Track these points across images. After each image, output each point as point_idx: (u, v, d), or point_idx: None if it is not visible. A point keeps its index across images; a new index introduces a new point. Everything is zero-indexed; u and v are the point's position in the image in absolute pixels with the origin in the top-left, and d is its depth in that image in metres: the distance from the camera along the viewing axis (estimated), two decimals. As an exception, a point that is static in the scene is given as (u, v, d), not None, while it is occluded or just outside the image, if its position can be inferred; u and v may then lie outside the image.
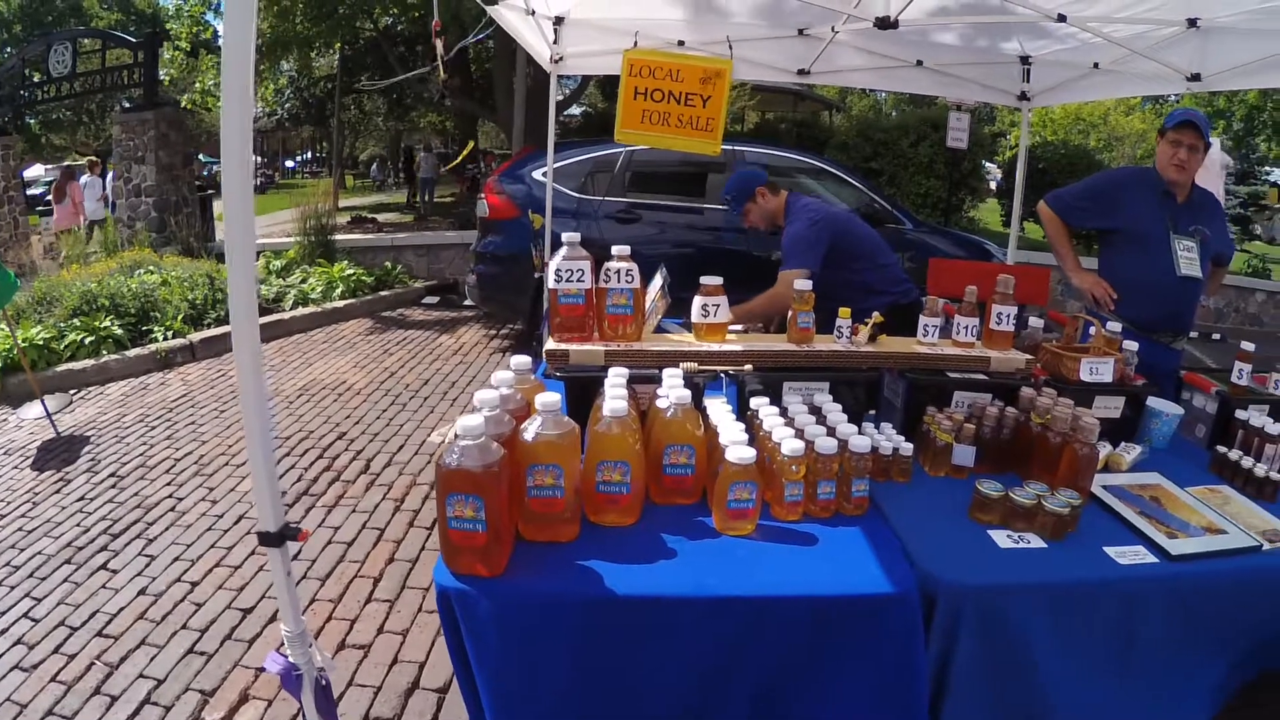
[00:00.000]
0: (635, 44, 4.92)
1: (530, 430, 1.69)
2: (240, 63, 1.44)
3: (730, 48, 4.99)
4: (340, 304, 8.09)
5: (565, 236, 2.26)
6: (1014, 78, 5.33)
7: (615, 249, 2.27)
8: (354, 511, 4.17)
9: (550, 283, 2.25)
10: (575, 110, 17.13)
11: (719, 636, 1.62)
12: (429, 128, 28.36)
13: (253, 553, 3.75)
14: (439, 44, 4.09)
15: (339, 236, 9.89)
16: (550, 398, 1.71)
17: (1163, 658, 2.03)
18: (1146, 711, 2.08)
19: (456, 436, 1.57)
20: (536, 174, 6.58)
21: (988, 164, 17.99)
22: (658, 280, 2.74)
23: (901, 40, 4.96)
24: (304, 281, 8.39)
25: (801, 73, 5.38)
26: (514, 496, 1.70)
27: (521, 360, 2.05)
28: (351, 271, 8.63)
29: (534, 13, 4.62)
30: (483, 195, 6.97)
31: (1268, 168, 26.15)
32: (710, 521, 1.86)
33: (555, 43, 5.03)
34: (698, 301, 2.30)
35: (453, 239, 9.94)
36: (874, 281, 3.73)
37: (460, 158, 17.29)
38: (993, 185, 19.85)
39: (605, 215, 6.80)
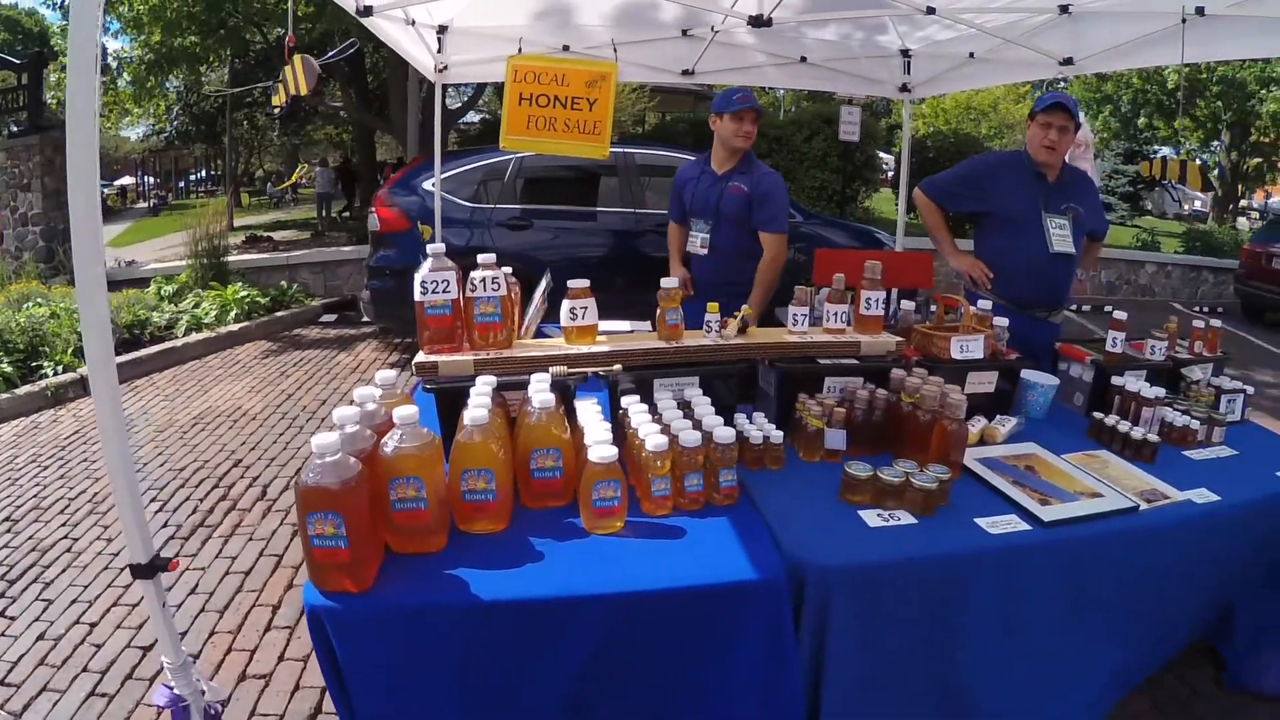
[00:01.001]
0: (520, 50, 4.88)
1: (389, 444, 1.68)
2: (85, 86, 1.38)
3: (615, 50, 4.99)
4: (235, 327, 7.84)
5: (430, 248, 2.22)
6: (895, 70, 5.45)
7: (480, 257, 2.24)
8: (251, 539, 4.05)
9: (416, 295, 2.20)
10: (474, 117, 16.95)
11: (588, 635, 1.62)
12: (326, 141, 27.79)
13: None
14: (294, 66, 3.92)
15: (233, 257, 9.57)
16: (407, 411, 1.69)
17: (1048, 626, 2.09)
18: (1038, 679, 2.14)
19: (313, 454, 1.55)
20: (427, 185, 6.48)
21: (884, 155, 18.44)
22: (542, 285, 2.71)
23: (783, 38, 5.02)
24: (197, 306, 8.10)
25: (686, 73, 5.40)
26: (379, 510, 1.68)
27: (386, 375, 2.01)
28: (246, 293, 8.37)
29: (414, 23, 4.56)
30: (373, 209, 6.85)
31: (1156, 145, 27.31)
32: (580, 522, 1.85)
33: (439, 52, 4.95)
34: (566, 305, 2.28)
35: (349, 254, 9.71)
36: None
37: (288, 182, 16.83)
38: (889, 175, 20.38)
39: (498, 223, 6.73)
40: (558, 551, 1.75)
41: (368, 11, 3.76)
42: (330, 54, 6.43)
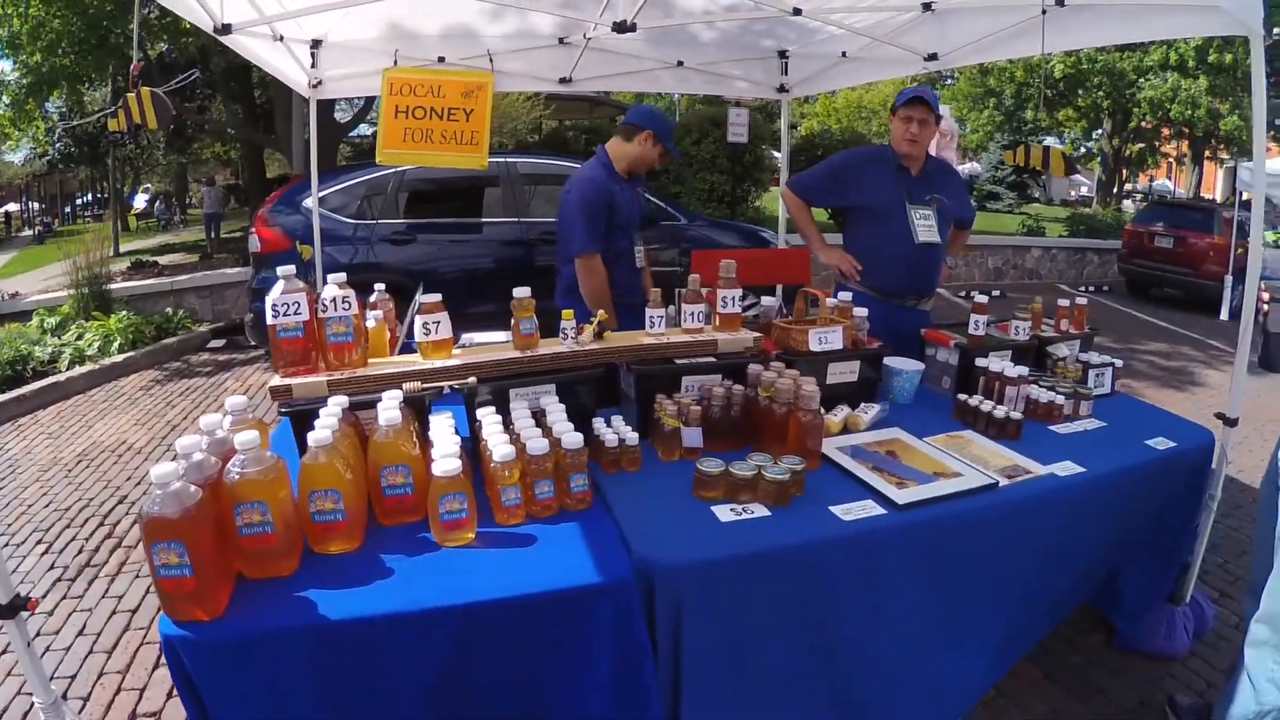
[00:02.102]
0: (395, 62, 4.82)
1: (232, 470, 1.66)
2: None
3: (491, 60, 4.97)
4: (120, 358, 7.54)
5: (280, 270, 2.18)
6: (773, 71, 5.53)
7: (330, 277, 2.21)
8: (137, 576, 3.93)
9: (268, 319, 2.16)
10: (367, 130, 16.62)
11: (440, 647, 1.62)
12: (214, 159, 27.00)
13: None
14: (141, 96, 3.77)
15: (117, 285, 9.21)
16: (248, 436, 1.66)
17: (917, 606, 2.15)
18: (915, 660, 2.20)
19: (153, 484, 1.53)
20: (309, 202, 6.37)
21: (777, 154, 18.73)
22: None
23: (661, 42, 5.05)
24: (80, 338, 7.79)
25: (563, 81, 5.40)
26: (227, 537, 1.66)
27: (236, 401, 1.97)
28: (130, 322, 8.05)
29: (282, 38, 4.45)
30: (253, 229, 6.68)
31: (1040, 135, 28.36)
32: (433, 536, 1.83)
33: (314, 67, 4.84)
34: (419, 320, 2.26)
35: (236, 276, 9.39)
36: None
37: (135, 209, 16.22)
38: (780, 175, 20.69)
39: (381, 239, 6.63)
40: (408, 567, 1.73)
41: (226, 30, 3.64)
42: (173, 83, 6.21)
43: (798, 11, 3.99)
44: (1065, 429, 2.82)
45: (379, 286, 2.90)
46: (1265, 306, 2.15)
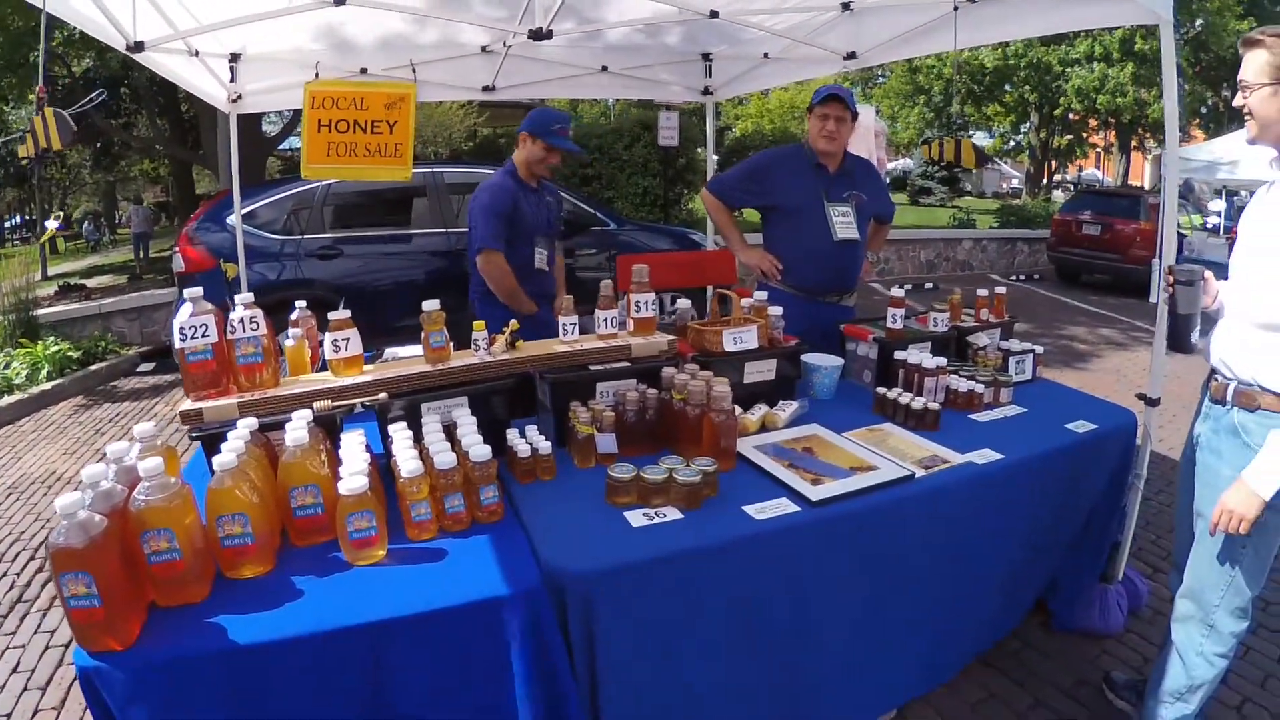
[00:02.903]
0: (317, 75, 4.77)
1: (138, 497, 1.64)
2: None
3: (414, 71, 4.93)
4: (48, 386, 7.34)
5: (187, 292, 2.17)
6: (698, 74, 5.58)
7: (238, 298, 2.19)
8: (69, 610, 3.84)
9: (175, 343, 2.13)
10: (297, 142, 16.36)
11: (351, 667, 1.61)
12: (143, 177, 26.40)
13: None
14: (45, 118, 3.68)
15: (44, 310, 8.97)
16: (152, 463, 1.64)
17: (836, 602, 2.17)
18: (839, 654, 2.23)
19: (58, 515, 1.52)
20: (233, 219, 6.27)
21: (715, 157, 18.87)
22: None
23: (584, 47, 5.06)
24: (6, 367, 7.57)
25: (487, 89, 5.39)
26: (136, 565, 1.65)
27: (144, 429, 1.95)
28: (57, 348, 7.84)
29: (198, 54, 4.38)
30: (177, 248, 6.55)
31: (970, 130, 28.92)
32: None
33: (233, 81, 4.77)
34: (328, 338, 2.25)
35: (164, 297, 9.15)
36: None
37: (45, 237, 15.77)
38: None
39: (308, 254, 6.54)
40: (319, 587, 1.72)
41: (139, 48, 3.57)
42: (79, 105, 6.08)
43: (715, 14, 4.04)
44: (985, 417, 2.87)
45: (300, 304, 2.87)
46: (1172, 289, 2.22)
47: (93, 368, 7.92)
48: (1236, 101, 2.16)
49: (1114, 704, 2.89)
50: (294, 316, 2.79)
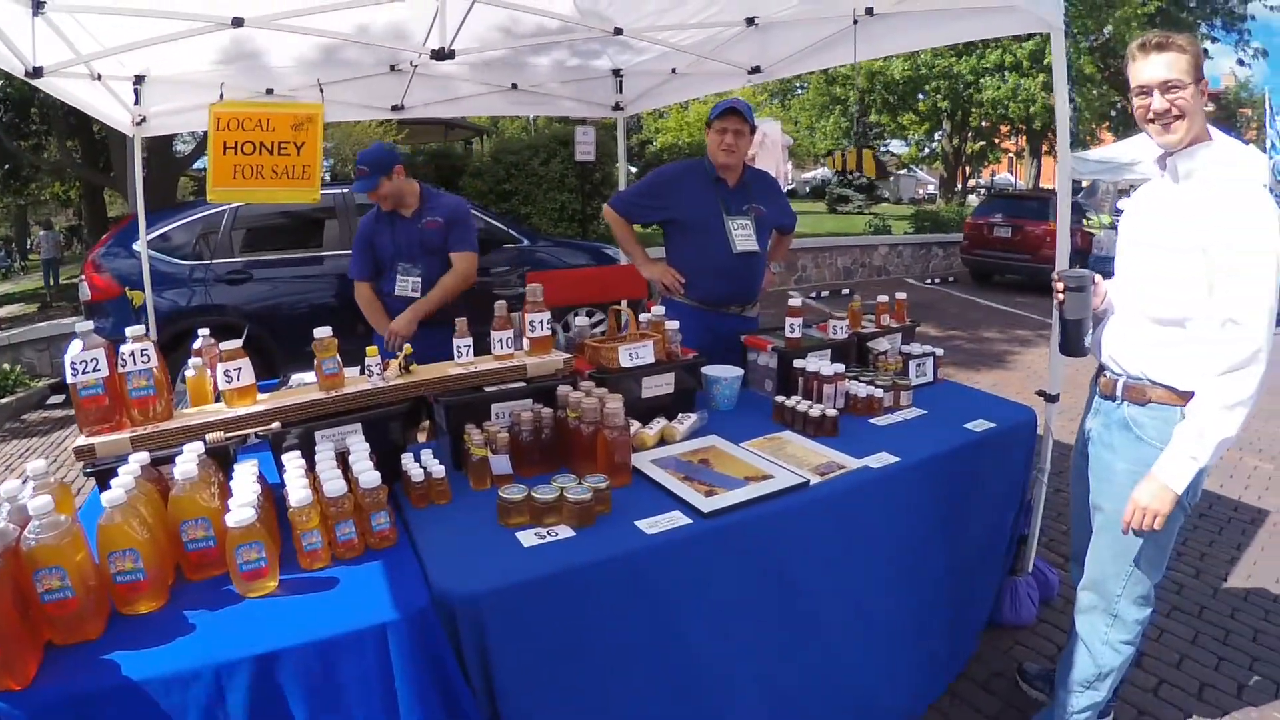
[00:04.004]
0: (221, 96, 4.71)
1: (28, 536, 1.63)
2: None
3: (321, 90, 4.90)
4: (-46, 422, 7.10)
5: (77, 327, 2.16)
6: (609, 90, 5.64)
7: (129, 330, 2.17)
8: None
9: (67, 378, 2.12)
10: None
11: (240, 700, 1.61)
12: (54, 200, 25.57)
13: None
14: None
15: (-54, 345, 8.63)
16: (40, 501, 1.63)
17: (741, 612, 2.20)
18: (752, 666, 2.26)
19: None
20: (140, 245, 6.14)
21: (634, 169, 19.01)
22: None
23: (493, 65, 5.09)
24: (-89, 403, 7.29)
25: (396, 108, 5.39)
26: (31, 604, 1.64)
27: (37, 466, 1.92)
28: (-38, 383, 7.58)
29: (100, 77, 4.30)
30: (83, 276, 6.39)
31: (886, 138, 29.59)
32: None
33: (137, 103, 4.68)
34: (220, 368, 2.24)
35: (74, 326, 8.83)
36: None
37: None
38: (623, 192, 20.97)
39: (217, 279, 6.45)
40: (211, 621, 1.72)
41: (38, 73, 3.51)
42: None
43: (619, 31, 4.13)
44: (885, 421, 2.94)
45: (203, 331, 2.85)
46: (1061, 296, 2.29)
47: (1, 401, 7.65)
48: (1159, 105, 2.14)
49: (1028, 694, 2.99)
50: (196, 345, 2.77)
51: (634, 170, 19.84)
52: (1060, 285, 2.41)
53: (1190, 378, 2.18)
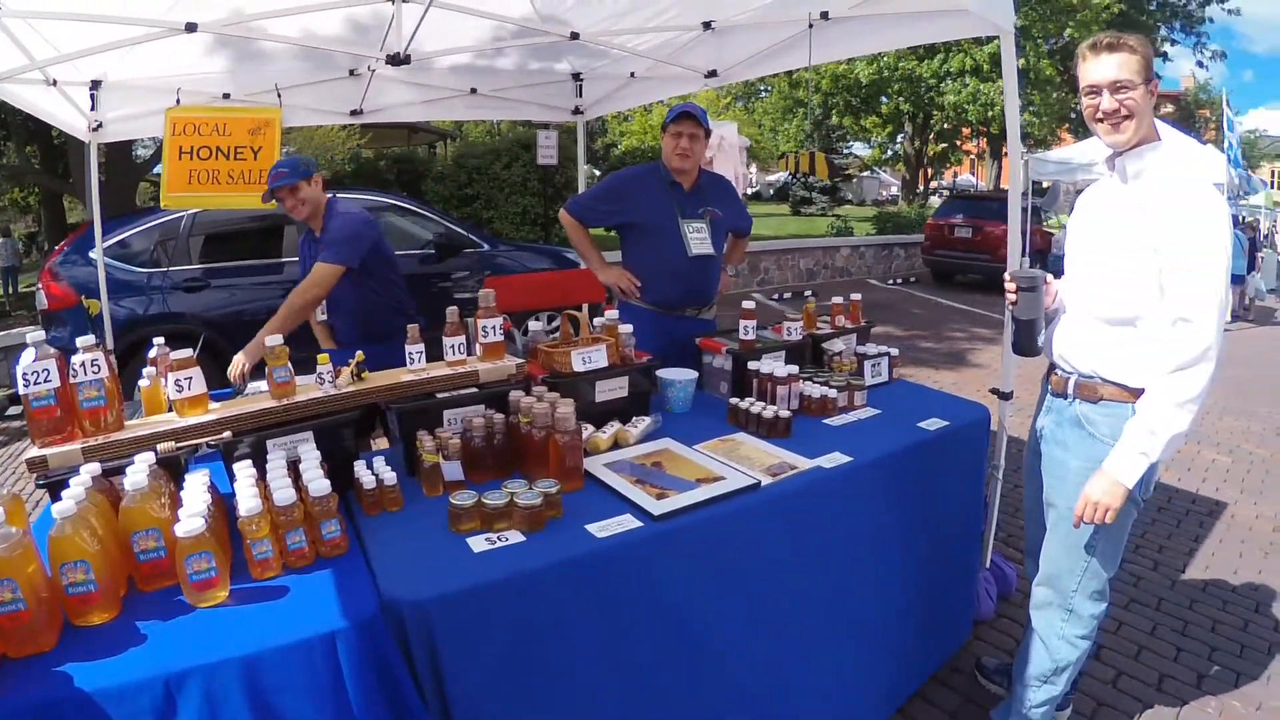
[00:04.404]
0: (178, 100, 4.69)
1: None
2: None
3: (279, 95, 4.89)
4: (-90, 433, 6.97)
5: (29, 337, 2.15)
6: (568, 94, 5.68)
7: (80, 340, 2.17)
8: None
9: (19, 389, 2.11)
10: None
11: (189, 709, 1.61)
12: (12, 207, 25.15)
13: None
14: None
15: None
16: None
17: (696, 614, 2.22)
18: (701, 669, 2.26)
19: None
20: (96, 253, 6.07)
21: (597, 173, 19.07)
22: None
23: (454, 71, 5.10)
24: None
25: (354, 112, 5.38)
26: None
27: None
28: (-79, 394, 7.44)
29: (56, 83, 4.27)
30: (39, 285, 6.31)
31: (849, 140, 29.87)
32: (188, 599, 1.83)
33: (94, 109, 4.64)
34: (171, 378, 2.24)
35: (31, 336, 8.67)
36: (403, 298, 3.84)
37: None
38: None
39: (174, 286, 6.39)
40: (162, 631, 1.73)
41: (-13, 80, 3.49)
42: None
43: (575, 35, 4.16)
44: (839, 421, 2.97)
45: (158, 340, 2.85)
46: (1013, 296, 2.33)
47: (-45, 414, 7.51)
48: (1108, 105, 2.17)
49: (987, 689, 3.04)
50: (151, 354, 2.77)
51: (597, 174, 19.92)
52: (1012, 285, 2.44)
53: (1141, 375, 2.23)
